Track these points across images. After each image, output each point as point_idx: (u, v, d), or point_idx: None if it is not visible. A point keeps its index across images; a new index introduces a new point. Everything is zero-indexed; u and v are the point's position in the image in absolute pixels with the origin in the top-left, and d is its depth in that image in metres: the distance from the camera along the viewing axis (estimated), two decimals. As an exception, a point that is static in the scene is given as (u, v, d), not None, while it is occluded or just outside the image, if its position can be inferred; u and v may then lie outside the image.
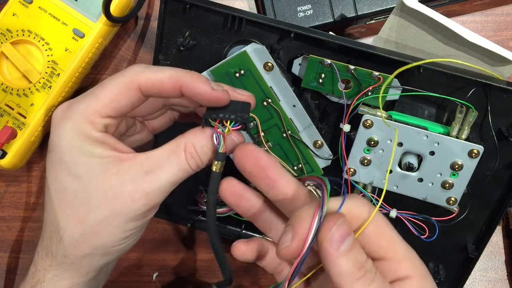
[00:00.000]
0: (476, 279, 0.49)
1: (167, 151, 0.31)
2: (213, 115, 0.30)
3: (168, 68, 0.31)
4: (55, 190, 0.31)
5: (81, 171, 0.30)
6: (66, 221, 0.31)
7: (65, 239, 0.31)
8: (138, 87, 0.30)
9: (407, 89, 0.37)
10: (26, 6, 0.43)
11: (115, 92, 0.30)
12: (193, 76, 0.30)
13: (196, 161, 0.31)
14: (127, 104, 0.31)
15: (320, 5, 0.43)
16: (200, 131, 0.31)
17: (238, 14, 0.37)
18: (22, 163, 0.46)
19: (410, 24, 0.38)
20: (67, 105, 0.31)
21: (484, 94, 0.37)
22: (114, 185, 0.30)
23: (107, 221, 0.30)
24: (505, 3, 0.46)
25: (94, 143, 0.30)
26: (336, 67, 0.37)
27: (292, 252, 0.26)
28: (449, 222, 0.40)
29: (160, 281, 0.50)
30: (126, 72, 0.31)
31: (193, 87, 0.30)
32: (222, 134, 0.30)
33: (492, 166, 0.39)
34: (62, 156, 0.30)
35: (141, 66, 0.31)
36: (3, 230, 0.50)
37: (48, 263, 0.32)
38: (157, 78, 0.30)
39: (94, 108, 0.30)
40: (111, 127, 0.31)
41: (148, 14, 0.47)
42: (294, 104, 0.39)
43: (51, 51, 0.43)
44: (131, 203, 0.30)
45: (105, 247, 0.31)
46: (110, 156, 0.30)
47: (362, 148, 0.38)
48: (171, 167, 0.30)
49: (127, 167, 0.30)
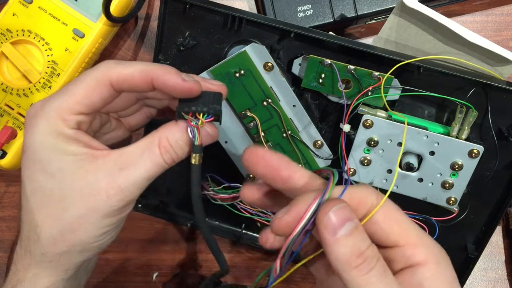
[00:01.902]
0: (476, 279, 0.49)
1: (141, 147, 0.31)
2: (185, 108, 0.31)
3: (139, 63, 0.31)
4: (31, 189, 0.31)
5: (55, 169, 0.30)
6: (43, 219, 0.31)
7: (42, 237, 0.31)
8: (110, 83, 0.30)
9: (407, 89, 0.37)
10: (26, 6, 0.43)
11: (87, 88, 0.30)
12: (163, 68, 0.31)
13: (172, 155, 0.31)
14: (99, 100, 0.31)
15: (320, 5, 0.43)
16: (173, 125, 0.31)
17: (238, 14, 0.37)
18: (22, 163, 0.46)
19: (410, 24, 0.38)
20: (40, 103, 0.31)
21: (484, 94, 0.37)
22: (88, 182, 0.30)
23: (83, 218, 0.30)
24: (505, 3, 0.46)
25: (67, 140, 0.30)
26: (336, 67, 0.37)
27: (283, 225, 0.26)
28: (449, 222, 0.40)
29: (160, 281, 0.50)
30: (96, 68, 0.31)
31: (164, 79, 0.30)
32: (196, 127, 0.30)
33: (492, 166, 0.39)
34: (35, 154, 0.30)
35: (111, 62, 0.31)
36: (3, 230, 0.50)
37: (27, 262, 0.32)
38: (127, 72, 0.30)
39: (66, 105, 0.30)
40: (84, 124, 0.31)
41: (148, 14, 0.47)
42: (294, 104, 0.39)
43: (51, 51, 0.43)
44: (106, 199, 0.30)
45: (82, 244, 0.31)
46: (84, 153, 0.30)
47: (362, 148, 0.38)
48: (145, 163, 0.30)
49: (101, 163, 0.30)
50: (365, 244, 0.25)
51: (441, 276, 0.27)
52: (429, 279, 0.26)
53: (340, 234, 0.25)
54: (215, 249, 0.33)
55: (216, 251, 0.33)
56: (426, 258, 0.27)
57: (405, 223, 0.28)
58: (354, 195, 0.27)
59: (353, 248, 0.25)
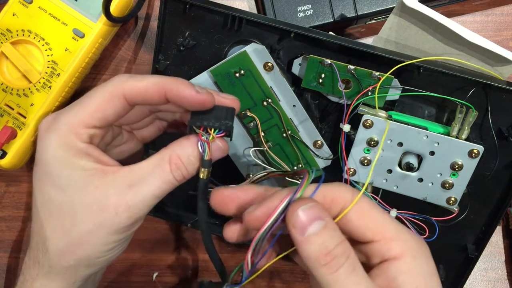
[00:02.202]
0: (476, 279, 0.49)
1: (151, 164, 0.31)
2: (197, 123, 0.31)
3: (152, 76, 0.31)
4: (41, 201, 0.31)
5: (65, 183, 0.30)
6: (52, 231, 0.31)
7: (50, 250, 0.31)
8: (123, 96, 0.30)
9: (407, 89, 0.37)
10: (26, 6, 0.43)
11: (100, 101, 0.30)
12: (177, 81, 0.31)
13: (182, 172, 0.31)
14: (112, 113, 0.31)
15: (320, 5, 0.43)
16: (185, 140, 0.31)
17: (238, 14, 0.37)
18: (22, 163, 0.46)
19: (410, 24, 0.38)
20: (52, 117, 0.31)
21: (484, 94, 0.37)
22: (98, 198, 0.30)
23: (92, 233, 0.30)
24: (505, 3, 0.46)
25: (78, 154, 0.30)
26: (336, 67, 0.37)
27: (254, 220, 0.27)
28: (449, 222, 0.40)
29: (160, 281, 0.50)
30: (110, 82, 0.31)
31: (178, 91, 0.30)
32: (206, 142, 0.30)
33: (492, 166, 0.39)
34: (46, 167, 0.30)
35: (125, 76, 0.31)
36: (3, 230, 0.50)
37: (35, 272, 0.32)
38: (141, 85, 0.30)
39: (79, 118, 0.30)
40: (96, 138, 0.31)
41: (148, 14, 0.47)
42: (294, 104, 0.39)
43: (51, 51, 0.43)
44: (115, 216, 0.30)
45: (89, 258, 0.31)
46: (94, 168, 0.30)
47: (362, 148, 0.38)
48: (155, 180, 0.30)
49: (111, 180, 0.30)
50: (333, 242, 0.26)
51: (417, 270, 0.27)
52: (404, 273, 0.27)
53: (308, 232, 0.25)
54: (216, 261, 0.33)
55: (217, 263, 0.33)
56: (402, 252, 0.27)
57: (380, 219, 0.28)
58: (327, 193, 0.27)
59: (322, 247, 0.25)
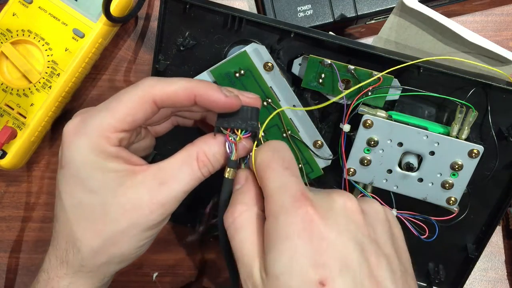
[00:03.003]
0: (476, 279, 0.49)
1: (179, 161, 0.31)
2: (225, 124, 0.32)
3: (180, 79, 0.32)
4: (70, 204, 0.31)
5: (97, 186, 0.31)
6: (83, 233, 0.31)
7: (83, 250, 0.31)
8: (153, 100, 0.31)
9: (407, 89, 0.37)
10: (26, 6, 0.43)
11: (130, 106, 0.31)
12: (206, 85, 0.31)
13: (209, 168, 0.32)
14: (142, 117, 0.31)
15: (320, 5, 0.43)
16: (211, 138, 0.32)
17: (238, 14, 0.37)
18: (22, 163, 0.46)
19: (410, 24, 0.38)
20: (79, 120, 0.32)
21: (484, 94, 0.37)
22: (130, 198, 0.30)
23: (125, 232, 0.31)
24: (505, 3, 0.46)
25: (109, 158, 0.31)
26: (336, 67, 0.37)
27: None
28: (449, 222, 0.40)
29: (160, 281, 0.50)
30: (140, 86, 0.31)
31: (208, 95, 0.31)
32: (234, 143, 0.31)
33: (492, 166, 0.39)
34: (76, 171, 0.31)
35: (154, 79, 0.31)
36: (3, 230, 0.50)
37: (63, 271, 0.32)
38: (171, 90, 0.31)
39: (109, 123, 0.31)
40: (125, 140, 0.32)
41: (148, 14, 0.47)
42: (294, 104, 0.39)
43: (51, 51, 0.43)
44: (149, 214, 0.31)
45: (122, 256, 0.32)
46: (124, 169, 0.31)
47: (362, 148, 0.38)
48: (184, 177, 0.31)
49: (141, 179, 0.31)
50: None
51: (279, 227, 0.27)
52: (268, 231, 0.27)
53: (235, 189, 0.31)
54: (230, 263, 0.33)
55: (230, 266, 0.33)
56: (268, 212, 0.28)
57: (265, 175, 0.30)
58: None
59: None
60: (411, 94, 0.37)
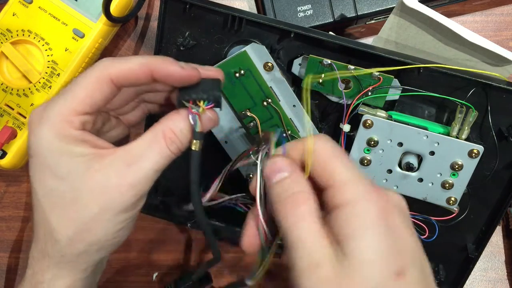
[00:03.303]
0: (476, 279, 0.49)
1: (146, 141, 0.31)
2: (186, 97, 0.31)
3: (136, 56, 0.32)
4: (42, 194, 0.31)
5: (65, 171, 0.30)
6: (58, 222, 0.31)
7: (59, 240, 0.31)
8: (110, 79, 0.31)
9: (407, 89, 0.37)
10: (26, 6, 0.43)
11: (88, 87, 0.31)
12: (161, 59, 0.31)
13: (177, 145, 0.31)
14: (101, 98, 0.31)
15: (320, 5, 0.43)
16: (176, 114, 0.31)
17: (238, 14, 0.37)
18: (22, 163, 0.46)
19: (410, 24, 0.38)
20: (42, 108, 0.31)
21: (484, 94, 0.37)
22: (99, 181, 0.30)
23: (98, 217, 0.30)
24: (505, 3, 0.46)
25: (74, 142, 0.30)
26: (336, 67, 0.37)
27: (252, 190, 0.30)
28: (449, 222, 0.40)
29: (160, 281, 0.50)
30: (96, 67, 0.31)
31: (164, 69, 0.31)
32: (197, 114, 0.31)
33: (492, 166, 0.39)
34: (43, 159, 0.31)
35: (109, 59, 0.31)
36: (3, 230, 0.50)
37: (45, 264, 0.32)
38: (127, 67, 0.31)
39: (70, 106, 0.30)
40: (88, 124, 0.32)
41: (148, 14, 0.47)
42: (294, 104, 0.39)
43: (51, 51, 0.43)
44: (119, 196, 0.30)
45: (99, 242, 0.31)
46: (91, 153, 0.30)
47: (362, 148, 0.38)
48: (152, 155, 0.31)
49: (109, 162, 0.30)
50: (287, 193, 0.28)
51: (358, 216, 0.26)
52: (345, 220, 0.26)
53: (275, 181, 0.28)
54: (210, 236, 0.33)
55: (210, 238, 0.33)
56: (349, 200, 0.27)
57: (334, 164, 0.28)
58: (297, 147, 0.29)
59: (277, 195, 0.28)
60: (411, 94, 0.37)
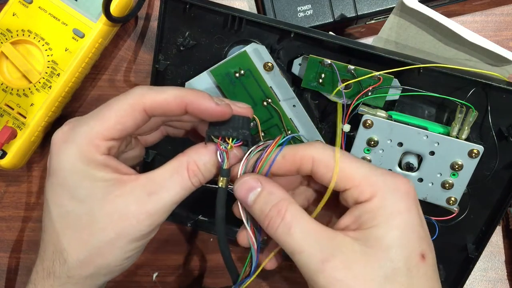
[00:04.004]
0: (476, 279, 0.49)
1: (169, 171, 0.31)
2: (215, 133, 0.31)
3: (171, 88, 0.31)
4: (57, 214, 0.31)
5: (84, 195, 0.30)
6: (69, 243, 0.31)
7: (69, 261, 0.31)
8: (143, 109, 0.30)
9: (407, 89, 0.37)
10: (26, 6, 0.43)
11: (120, 114, 0.30)
12: (197, 94, 0.31)
13: (199, 178, 0.31)
14: (132, 125, 0.31)
15: (320, 5, 0.43)
16: (202, 148, 0.32)
17: (238, 14, 0.37)
18: (22, 163, 0.46)
19: (410, 24, 0.38)
20: (69, 128, 0.31)
21: (484, 94, 0.37)
22: (118, 208, 0.30)
23: (112, 242, 0.30)
24: (505, 3, 0.46)
25: (97, 166, 0.30)
26: (336, 67, 0.37)
27: None
28: (449, 222, 0.40)
29: (160, 281, 0.50)
30: (130, 94, 0.31)
31: (199, 104, 0.31)
32: (225, 151, 0.31)
33: (492, 166, 0.39)
34: (64, 180, 0.30)
35: (144, 88, 0.31)
36: (3, 230, 0.50)
37: (50, 283, 0.32)
38: (162, 98, 0.30)
39: (99, 130, 0.30)
40: (114, 149, 0.32)
41: (148, 14, 0.47)
42: (294, 104, 0.39)
43: (51, 51, 0.43)
44: (136, 224, 0.30)
45: (109, 267, 0.31)
46: (113, 179, 0.30)
47: (362, 148, 0.38)
48: (174, 187, 0.31)
49: (130, 188, 0.30)
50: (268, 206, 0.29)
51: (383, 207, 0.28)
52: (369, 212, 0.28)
53: (250, 202, 0.30)
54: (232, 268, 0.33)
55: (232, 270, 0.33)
56: (370, 194, 0.29)
57: (348, 168, 0.30)
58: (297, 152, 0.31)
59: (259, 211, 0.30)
60: (411, 94, 0.37)
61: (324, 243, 0.28)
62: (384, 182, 0.29)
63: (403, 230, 0.28)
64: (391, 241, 0.28)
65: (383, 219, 0.28)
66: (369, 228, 0.28)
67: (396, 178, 0.30)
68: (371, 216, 0.28)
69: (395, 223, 0.28)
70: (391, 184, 0.29)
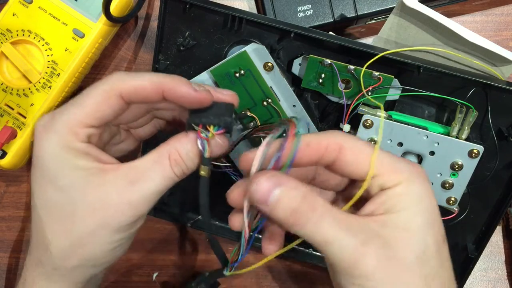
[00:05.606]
0: (476, 279, 0.49)
1: (150, 160, 0.30)
2: (196, 120, 0.30)
3: (149, 73, 0.31)
4: (40, 203, 0.31)
5: (65, 183, 0.30)
6: (53, 233, 0.30)
7: (53, 252, 0.31)
8: (120, 94, 0.30)
9: (407, 89, 0.37)
10: (26, 6, 0.43)
11: (97, 100, 0.30)
12: (174, 79, 0.30)
13: (182, 168, 0.31)
14: (110, 112, 0.31)
15: (320, 5, 0.43)
16: (183, 136, 0.31)
17: (238, 14, 0.37)
18: (22, 163, 0.46)
19: (410, 24, 0.38)
20: (49, 117, 0.31)
21: (484, 94, 0.37)
22: (99, 197, 0.30)
23: (94, 233, 0.30)
24: (505, 3, 0.46)
25: (78, 154, 0.30)
26: (336, 67, 0.37)
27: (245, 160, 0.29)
28: (449, 222, 0.40)
29: (160, 281, 0.50)
30: (106, 80, 0.31)
31: (175, 90, 0.30)
32: (206, 139, 0.30)
33: (492, 166, 0.39)
34: (45, 169, 0.30)
35: (121, 74, 0.31)
36: (3, 230, 0.50)
37: (37, 273, 0.32)
38: (138, 83, 0.30)
39: (77, 118, 0.30)
40: (94, 137, 0.31)
41: (148, 14, 0.47)
42: (294, 104, 0.39)
43: (51, 51, 0.43)
44: (117, 214, 0.30)
45: (93, 259, 0.31)
46: (94, 167, 0.30)
47: (362, 148, 0.38)
48: (155, 176, 0.30)
49: (111, 178, 0.30)
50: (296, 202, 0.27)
51: (409, 192, 0.28)
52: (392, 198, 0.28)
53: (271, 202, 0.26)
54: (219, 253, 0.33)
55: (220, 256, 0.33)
56: (397, 181, 0.28)
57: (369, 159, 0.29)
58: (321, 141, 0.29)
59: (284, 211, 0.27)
60: (411, 94, 0.37)
61: (357, 230, 0.27)
62: (408, 169, 0.29)
63: (430, 213, 0.29)
64: (421, 224, 0.28)
65: (410, 203, 0.28)
66: (396, 212, 0.28)
67: (415, 165, 0.30)
68: (397, 201, 0.28)
69: (422, 207, 0.28)
70: (413, 171, 0.29)
